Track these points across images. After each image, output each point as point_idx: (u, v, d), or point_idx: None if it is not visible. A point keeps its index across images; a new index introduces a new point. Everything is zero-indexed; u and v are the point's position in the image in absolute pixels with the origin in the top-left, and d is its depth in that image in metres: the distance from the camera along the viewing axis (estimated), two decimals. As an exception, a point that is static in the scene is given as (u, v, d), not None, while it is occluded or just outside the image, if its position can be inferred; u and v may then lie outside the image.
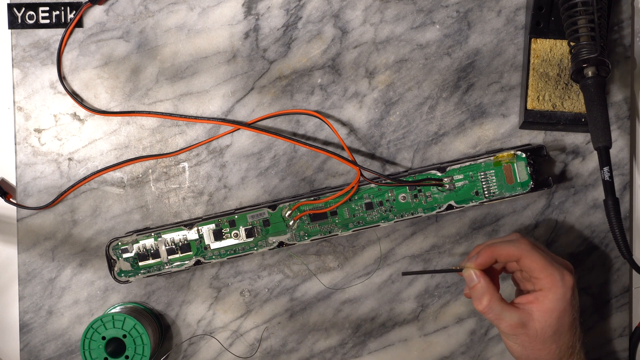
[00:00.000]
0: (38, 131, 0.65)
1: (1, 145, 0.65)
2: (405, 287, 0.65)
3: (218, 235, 0.62)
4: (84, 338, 0.60)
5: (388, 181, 0.62)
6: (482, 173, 0.62)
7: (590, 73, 0.58)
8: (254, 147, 0.65)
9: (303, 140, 0.64)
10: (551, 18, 0.63)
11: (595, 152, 0.64)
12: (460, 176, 0.62)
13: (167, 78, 0.65)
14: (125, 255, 0.62)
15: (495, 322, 0.55)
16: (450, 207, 0.62)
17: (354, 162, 0.61)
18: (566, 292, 0.55)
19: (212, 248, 0.62)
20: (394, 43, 0.65)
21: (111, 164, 0.64)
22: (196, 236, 0.62)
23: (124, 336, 0.60)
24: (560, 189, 0.65)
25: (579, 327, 0.57)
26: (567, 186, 0.65)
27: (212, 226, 0.62)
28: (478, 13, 0.65)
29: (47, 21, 0.64)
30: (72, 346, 0.64)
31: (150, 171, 0.65)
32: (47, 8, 0.64)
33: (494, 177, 0.62)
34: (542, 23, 0.63)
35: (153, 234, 0.62)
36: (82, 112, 0.65)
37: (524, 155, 0.62)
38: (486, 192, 0.62)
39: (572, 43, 0.59)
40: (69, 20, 0.64)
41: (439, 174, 0.62)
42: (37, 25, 0.64)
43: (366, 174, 0.62)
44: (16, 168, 0.64)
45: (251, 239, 0.62)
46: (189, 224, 0.62)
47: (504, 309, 0.55)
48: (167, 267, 0.62)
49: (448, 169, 0.62)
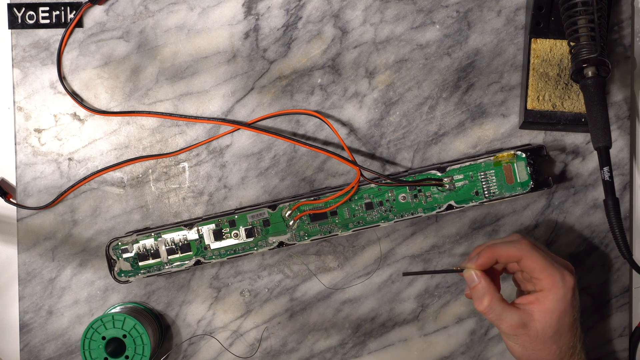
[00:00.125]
0: (38, 131, 0.64)
1: (1, 145, 0.65)
2: (405, 287, 0.65)
3: (218, 235, 0.62)
4: (84, 338, 0.60)
5: (388, 181, 0.62)
6: (482, 173, 0.62)
7: (590, 73, 0.58)
8: (254, 147, 0.65)
9: (303, 140, 0.64)
10: (551, 18, 0.63)
11: (595, 152, 0.64)
12: (460, 176, 0.62)
13: (167, 78, 0.64)
14: (125, 255, 0.62)
15: (496, 323, 0.55)
16: (450, 207, 0.62)
17: (354, 162, 0.61)
18: (567, 293, 0.55)
19: (212, 248, 0.62)
20: (394, 43, 0.65)
21: (111, 164, 0.64)
22: (196, 236, 0.62)
23: (124, 336, 0.60)
24: (560, 189, 0.65)
25: (580, 328, 0.57)
26: (567, 186, 0.65)
27: (212, 226, 0.62)
28: (478, 13, 0.65)
29: (47, 21, 0.64)
30: (72, 346, 0.64)
31: (150, 171, 0.65)
32: (47, 8, 0.64)
33: (494, 177, 0.62)
34: (542, 23, 0.63)
35: (153, 234, 0.62)
36: (82, 112, 0.65)
37: (524, 155, 0.62)
38: (486, 192, 0.62)
39: (572, 43, 0.59)
40: (69, 20, 0.64)
41: (439, 174, 0.62)
42: (37, 25, 0.64)
43: (366, 174, 0.62)
44: (16, 168, 0.64)
45: (251, 239, 0.62)
46: (189, 224, 0.62)
47: (505, 310, 0.55)
48: (167, 267, 0.62)
49: (448, 169, 0.62)
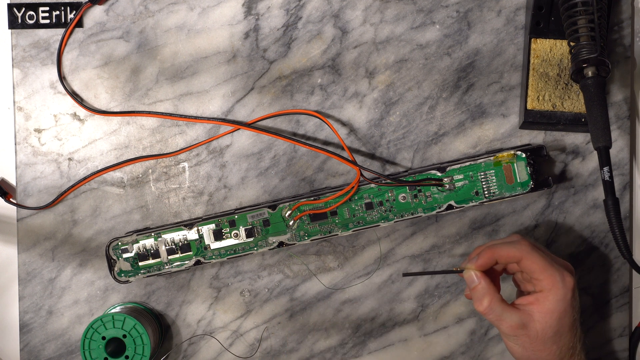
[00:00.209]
0: (38, 131, 0.64)
1: (1, 145, 0.65)
2: (405, 287, 0.65)
3: (218, 235, 0.62)
4: (84, 338, 0.60)
5: (388, 181, 0.62)
6: (482, 173, 0.62)
7: (590, 73, 0.58)
8: (254, 147, 0.65)
9: (303, 140, 0.64)
10: (551, 18, 0.63)
11: (595, 152, 0.64)
12: (460, 176, 0.62)
13: (167, 78, 0.64)
14: (125, 255, 0.62)
15: (495, 323, 0.56)
16: (450, 207, 0.62)
17: (354, 162, 0.61)
18: (566, 293, 0.55)
19: (212, 248, 0.62)
20: (394, 43, 0.65)
21: (111, 164, 0.64)
22: (196, 236, 0.62)
23: (124, 336, 0.60)
24: (560, 189, 0.65)
25: (580, 328, 0.57)
26: (567, 186, 0.65)
27: (212, 226, 0.62)
28: (478, 13, 0.65)
29: (47, 21, 0.64)
30: (72, 346, 0.64)
31: (150, 171, 0.65)
32: (47, 8, 0.64)
33: (494, 177, 0.62)
34: (542, 23, 0.63)
35: (153, 234, 0.62)
36: (82, 112, 0.65)
37: (524, 155, 0.62)
38: (486, 192, 0.62)
39: (572, 43, 0.59)
40: (69, 20, 0.64)
41: (439, 174, 0.62)
42: (37, 25, 0.64)
43: (366, 174, 0.62)
44: (16, 168, 0.64)
45: (251, 239, 0.62)
46: (189, 224, 0.62)
47: (505, 310, 0.55)
48: (167, 267, 0.62)
49: (448, 169, 0.62)
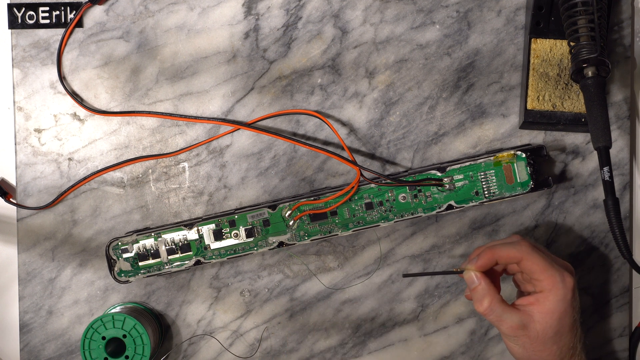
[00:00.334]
0: (38, 131, 0.64)
1: (1, 145, 0.65)
2: (405, 287, 0.65)
3: (218, 235, 0.62)
4: (84, 338, 0.60)
5: (388, 181, 0.62)
6: (482, 173, 0.62)
7: (590, 73, 0.58)
8: (254, 147, 0.65)
9: (303, 140, 0.64)
10: (551, 18, 0.63)
11: (595, 152, 0.64)
12: (460, 176, 0.62)
13: (167, 78, 0.64)
14: (125, 255, 0.62)
15: (496, 324, 0.55)
16: (450, 207, 0.62)
17: (354, 162, 0.61)
18: (567, 294, 0.55)
19: (212, 248, 0.62)
20: (394, 43, 0.65)
21: (111, 164, 0.64)
22: (196, 236, 0.62)
23: (124, 336, 0.60)
24: (560, 189, 0.65)
25: (580, 328, 0.57)
26: (567, 186, 0.65)
27: (212, 226, 0.62)
28: (478, 13, 0.65)
29: (47, 21, 0.64)
30: (72, 346, 0.64)
31: (150, 171, 0.65)
32: (47, 8, 0.64)
33: (494, 177, 0.62)
34: (542, 23, 0.63)
35: (153, 234, 0.62)
36: (82, 112, 0.65)
37: (524, 155, 0.62)
38: (486, 192, 0.62)
39: (572, 43, 0.59)
40: (69, 20, 0.64)
41: (439, 174, 0.62)
42: (37, 25, 0.64)
43: (366, 174, 0.62)
44: (16, 168, 0.64)
45: (251, 239, 0.62)
46: (189, 224, 0.62)
47: (505, 311, 0.55)
48: (167, 267, 0.62)
49: (448, 169, 0.62)
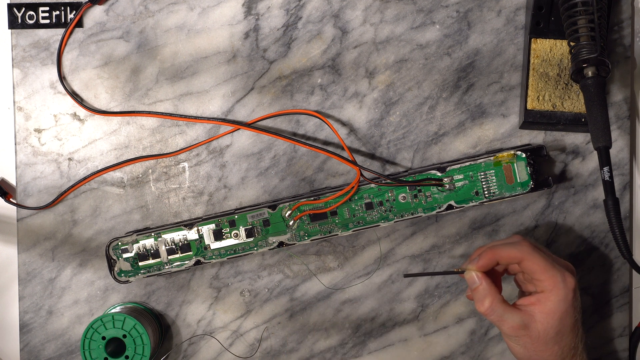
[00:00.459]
0: (38, 131, 0.64)
1: (1, 145, 0.65)
2: (405, 287, 0.65)
3: (218, 235, 0.62)
4: (84, 338, 0.60)
5: (388, 181, 0.62)
6: (482, 173, 0.62)
7: (590, 73, 0.58)
8: (254, 147, 0.65)
9: (303, 140, 0.64)
10: (551, 18, 0.63)
11: (595, 152, 0.64)
12: (460, 176, 0.62)
13: (167, 78, 0.64)
14: (125, 255, 0.62)
15: (497, 324, 0.55)
16: (450, 207, 0.62)
17: (354, 162, 0.61)
18: (568, 294, 0.54)
19: (212, 248, 0.62)
20: (394, 43, 0.65)
21: (111, 164, 0.64)
22: (196, 236, 0.62)
23: (124, 336, 0.60)
24: (560, 189, 0.65)
25: (581, 328, 0.57)
26: (567, 186, 0.65)
27: (212, 226, 0.62)
28: (478, 13, 0.65)
29: (47, 21, 0.64)
30: (72, 346, 0.64)
31: (150, 171, 0.65)
32: (47, 8, 0.64)
33: (494, 177, 0.62)
34: (542, 23, 0.63)
35: (153, 234, 0.62)
36: (82, 112, 0.65)
37: (524, 155, 0.62)
38: (486, 192, 0.62)
39: (572, 43, 0.59)
40: (69, 20, 0.64)
41: (439, 174, 0.62)
42: (37, 25, 0.64)
43: (366, 174, 0.62)
44: (16, 168, 0.64)
45: (251, 239, 0.62)
46: (189, 224, 0.62)
47: (506, 311, 0.55)
48: (167, 267, 0.62)
49: (448, 169, 0.62)
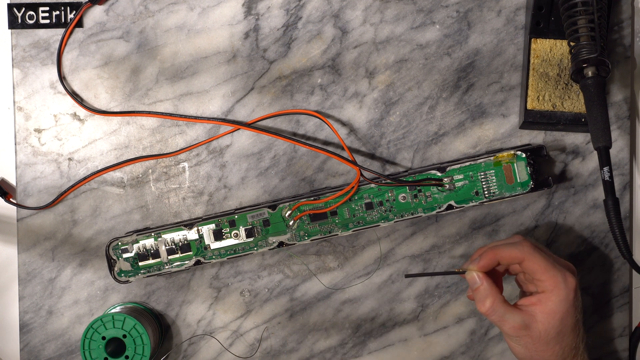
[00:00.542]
0: (38, 131, 0.64)
1: (1, 145, 0.65)
2: (405, 287, 0.65)
3: (218, 235, 0.62)
4: (84, 338, 0.60)
5: (388, 181, 0.62)
6: (482, 173, 0.62)
7: (590, 73, 0.58)
8: (254, 147, 0.65)
9: (303, 140, 0.64)
10: (551, 18, 0.63)
11: (595, 152, 0.64)
12: (460, 176, 0.62)
13: (167, 78, 0.64)
14: (125, 255, 0.62)
15: (498, 324, 0.55)
16: (450, 207, 0.62)
17: (354, 162, 0.61)
18: (569, 294, 0.54)
19: (212, 248, 0.62)
20: (394, 43, 0.65)
21: (111, 164, 0.64)
22: (196, 236, 0.62)
23: (124, 336, 0.60)
24: (560, 189, 0.65)
25: (582, 328, 0.57)
26: (567, 186, 0.65)
27: (212, 226, 0.62)
28: (478, 13, 0.65)
29: (47, 21, 0.64)
30: (72, 346, 0.64)
31: (150, 171, 0.65)
32: (47, 8, 0.64)
33: (494, 177, 0.62)
34: (542, 23, 0.63)
35: (153, 234, 0.62)
36: (82, 112, 0.65)
37: (524, 155, 0.62)
38: (486, 192, 0.62)
39: (572, 43, 0.59)
40: (69, 20, 0.64)
41: (439, 174, 0.62)
42: (37, 25, 0.64)
43: (366, 174, 0.62)
44: (16, 168, 0.64)
45: (251, 239, 0.62)
46: (189, 224, 0.62)
47: (507, 311, 0.55)
48: (167, 267, 0.62)
49: (448, 169, 0.62)
